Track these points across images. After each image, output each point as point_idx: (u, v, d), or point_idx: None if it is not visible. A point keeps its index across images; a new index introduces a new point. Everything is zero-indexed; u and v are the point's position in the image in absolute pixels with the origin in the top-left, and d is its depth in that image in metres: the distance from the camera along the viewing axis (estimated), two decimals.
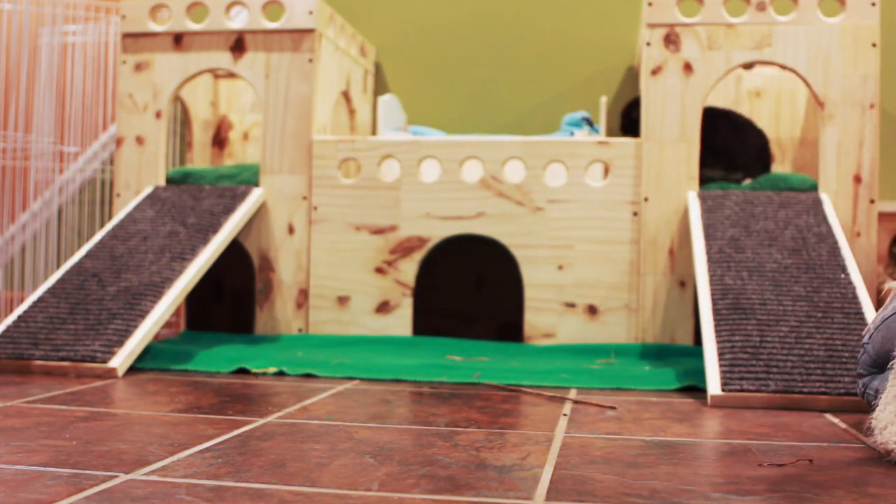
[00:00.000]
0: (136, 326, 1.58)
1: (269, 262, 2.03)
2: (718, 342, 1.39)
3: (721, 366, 1.34)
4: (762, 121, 2.34)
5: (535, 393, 1.37)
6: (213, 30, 2.08)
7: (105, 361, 1.49)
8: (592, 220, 1.93)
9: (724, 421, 1.17)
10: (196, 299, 2.26)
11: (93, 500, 0.71)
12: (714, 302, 1.50)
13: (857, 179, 1.86)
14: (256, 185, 2.06)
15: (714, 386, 1.30)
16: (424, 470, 0.85)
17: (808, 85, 1.88)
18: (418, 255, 1.98)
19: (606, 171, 1.94)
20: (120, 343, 1.53)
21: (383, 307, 1.98)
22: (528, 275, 1.94)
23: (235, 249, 2.08)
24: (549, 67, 2.57)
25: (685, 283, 1.90)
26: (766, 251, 1.63)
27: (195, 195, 1.99)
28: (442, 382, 1.47)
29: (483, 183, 1.97)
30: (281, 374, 1.56)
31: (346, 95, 2.31)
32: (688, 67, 1.90)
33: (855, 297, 1.49)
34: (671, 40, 1.91)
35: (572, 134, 2.24)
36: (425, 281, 2.15)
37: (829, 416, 1.22)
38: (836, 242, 1.65)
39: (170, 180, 2.13)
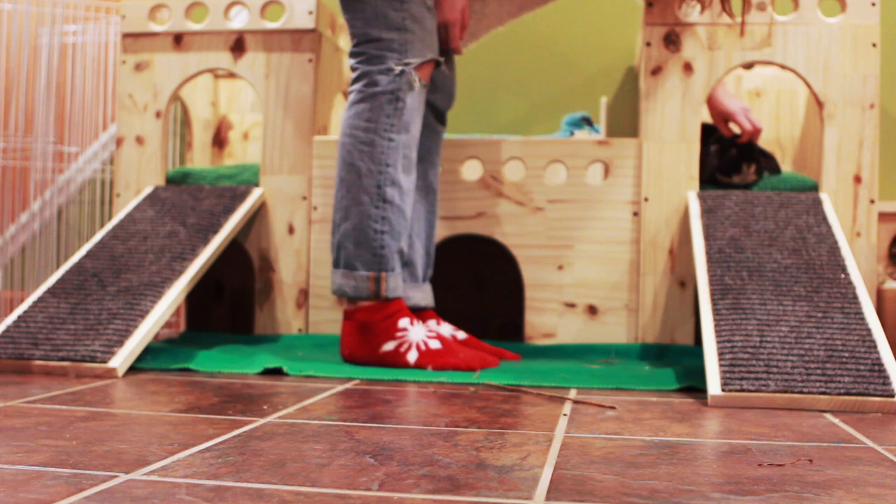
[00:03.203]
0: (136, 326, 1.58)
1: (269, 262, 2.03)
2: (718, 342, 1.39)
3: (721, 366, 1.34)
4: (762, 121, 2.34)
5: (535, 393, 1.37)
6: (213, 30, 2.08)
7: (105, 361, 1.49)
8: (592, 220, 1.93)
9: (724, 421, 1.17)
10: (196, 299, 2.26)
11: (93, 500, 0.71)
12: (714, 302, 1.50)
13: (857, 179, 1.86)
14: (256, 185, 2.06)
15: (714, 386, 1.30)
16: (424, 470, 0.85)
17: (808, 85, 1.88)
18: None
19: (606, 170, 1.94)
20: (120, 343, 1.53)
21: None
22: (528, 275, 1.94)
23: (235, 249, 2.08)
24: (549, 67, 2.57)
25: (685, 283, 1.90)
26: (766, 251, 1.63)
27: (195, 195, 1.99)
28: (442, 382, 1.47)
29: (483, 183, 1.97)
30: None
31: (346, 95, 2.31)
32: (688, 67, 1.90)
33: (855, 297, 1.48)
34: (671, 40, 1.91)
35: (572, 134, 2.24)
36: None
37: (829, 416, 1.22)
38: (836, 242, 1.64)
39: (170, 180, 2.13)
